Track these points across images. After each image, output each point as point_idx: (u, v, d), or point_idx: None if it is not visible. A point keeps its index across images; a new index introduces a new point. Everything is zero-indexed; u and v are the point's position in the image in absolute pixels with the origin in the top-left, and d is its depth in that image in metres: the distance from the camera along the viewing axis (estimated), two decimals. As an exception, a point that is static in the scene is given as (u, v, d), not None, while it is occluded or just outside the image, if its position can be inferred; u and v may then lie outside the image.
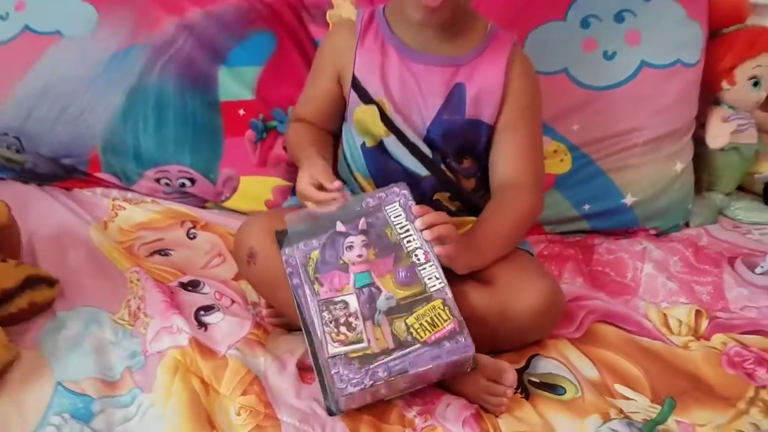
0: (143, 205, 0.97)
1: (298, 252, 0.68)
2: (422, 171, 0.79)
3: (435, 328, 0.64)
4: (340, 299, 0.65)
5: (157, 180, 0.97)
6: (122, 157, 0.97)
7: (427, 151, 0.79)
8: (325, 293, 0.66)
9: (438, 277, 0.66)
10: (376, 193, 0.71)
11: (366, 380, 0.62)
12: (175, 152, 0.96)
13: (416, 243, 0.67)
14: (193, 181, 0.97)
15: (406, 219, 0.69)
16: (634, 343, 0.78)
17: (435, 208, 0.71)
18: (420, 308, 0.64)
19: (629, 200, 0.97)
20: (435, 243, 0.67)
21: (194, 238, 0.92)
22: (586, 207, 0.97)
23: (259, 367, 0.69)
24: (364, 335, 0.64)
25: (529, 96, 0.79)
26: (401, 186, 0.71)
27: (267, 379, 0.68)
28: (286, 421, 0.64)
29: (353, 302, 0.65)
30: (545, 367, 0.73)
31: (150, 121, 0.96)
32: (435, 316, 0.64)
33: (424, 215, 0.68)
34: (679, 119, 0.98)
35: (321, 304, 0.65)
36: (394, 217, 0.69)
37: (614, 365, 0.75)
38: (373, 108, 0.78)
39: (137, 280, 0.80)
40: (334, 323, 0.64)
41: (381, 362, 0.62)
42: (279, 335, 0.75)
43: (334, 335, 0.64)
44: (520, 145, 0.78)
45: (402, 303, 0.65)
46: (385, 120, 0.78)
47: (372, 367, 0.62)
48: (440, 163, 0.79)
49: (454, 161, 0.80)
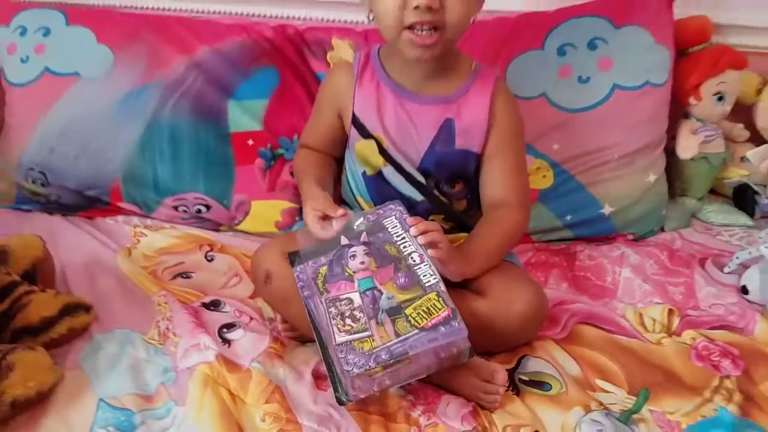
0: (163, 231, 1.00)
1: (308, 268, 0.73)
2: (418, 196, 0.83)
3: (431, 315, 0.67)
4: (345, 296, 0.69)
5: (175, 207, 1.01)
6: (142, 187, 1.01)
7: (422, 179, 0.83)
8: (332, 294, 0.70)
9: (432, 273, 0.69)
10: (375, 210, 0.76)
11: (370, 362, 0.64)
12: (190, 181, 1.00)
13: (412, 248, 0.72)
14: (208, 207, 1.01)
15: (402, 229, 0.73)
16: (613, 342, 0.81)
17: (430, 226, 0.74)
18: (417, 301, 0.68)
19: (607, 210, 1.00)
20: (428, 247, 0.71)
21: (212, 260, 0.95)
22: (568, 217, 1.00)
23: (279, 377, 0.73)
24: (368, 326, 0.67)
25: (512, 125, 0.82)
26: (396, 203, 0.76)
27: (287, 388, 0.72)
28: (305, 424, 0.68)
29: (357, 298, 0.69)
30: (534, 366, 0.77)
31: (166, 154, 1.00)
32: (431, 306, 0.67)
33: (417, 224, 0.72)
34: (650, 135, 1.01)
35: (328, 302, 0.69)
36: (391, 228, 0.73)
37: (595, 362, 0.78)
38: (372, 142, 0.83)
39: (165, 302, 0.84)
40: (340, 316, 0.68)
41: (383, 347, 0.65)
42: (295, 347, 0.79)
43: (340, 326, 0.67)
44: (507, 169, 0.82)
45: (403, 305, 0.68)
46: (383, 153, 0.82)
47: (375, 350, 0.65)
48: (434, 189, 0.83)
49: (447, 186, 0.84)
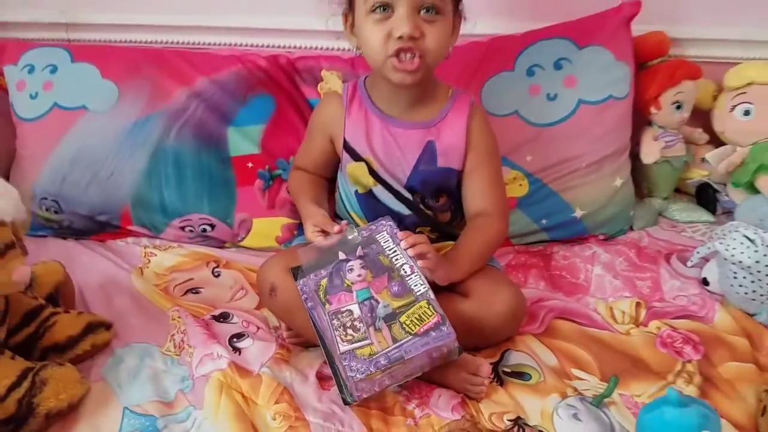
0: (171, 250, 1.06)
1: (310, 281, 0.78)
2: (406, 211, 0.90)
3: (422, 322, 0.72)
4: (345, 309, 0.75)
5: (182, 228, 1.06)
6: (150, 210, 1.06)
7: (409, 195, 0.89)
8: (334, 307, 0.75)
9: (422, 283, 0.75)
10: (368, 226, 0.82)
11: (371, 368, 0.70)
12: (195, 203, 1.05)
13: (403, 260, 0.77)
14: (212, 226, 1.06)
15: (393, 243, 0.79)
16: (586, 334, 0.87)
17: (417, 236, 0.81)
18: (410, 309, 0.74)
19: (578, 213, 1.07)
20: (418, 258, 0.77)
21: (219, 275, 1.00)
22: (544, 221, 1.07)
23: (286, 380, 0.78)
24: (368, 335, 0.72)
25: (487, 143, 0.89)
26: (387, 219, 0.82)
27: (294, 389, 0.77)
28: (312, 421, 0.73)
29: (356, 310, 0.74)
30: (515, 359, 0.83)
31: (171, 178, 1.05)
32: (422, 313, 0.73)
33: (407, 238, 0.78)
34: (615, 143, 1.07)
35: (331, 314, 0.74)
36: (384, 243, 0.79)
37: (570, 353, 0.84)
38: (362, 164, 0.89)
39: (178, 317, 0.89)
40: (342, 327, 0.73)
41: (382, 353, 0.71)
42: (299, 352, 0.84)
43: (342, 336, 0.72)
44: (485, 183, 0.89)
45: (397, 311, 0.74)
46: (373, 173, 0.89)
47: (375, 357, 0.71)
48: (420, 204, 0.90)
49: (432, 200, 0.90)
